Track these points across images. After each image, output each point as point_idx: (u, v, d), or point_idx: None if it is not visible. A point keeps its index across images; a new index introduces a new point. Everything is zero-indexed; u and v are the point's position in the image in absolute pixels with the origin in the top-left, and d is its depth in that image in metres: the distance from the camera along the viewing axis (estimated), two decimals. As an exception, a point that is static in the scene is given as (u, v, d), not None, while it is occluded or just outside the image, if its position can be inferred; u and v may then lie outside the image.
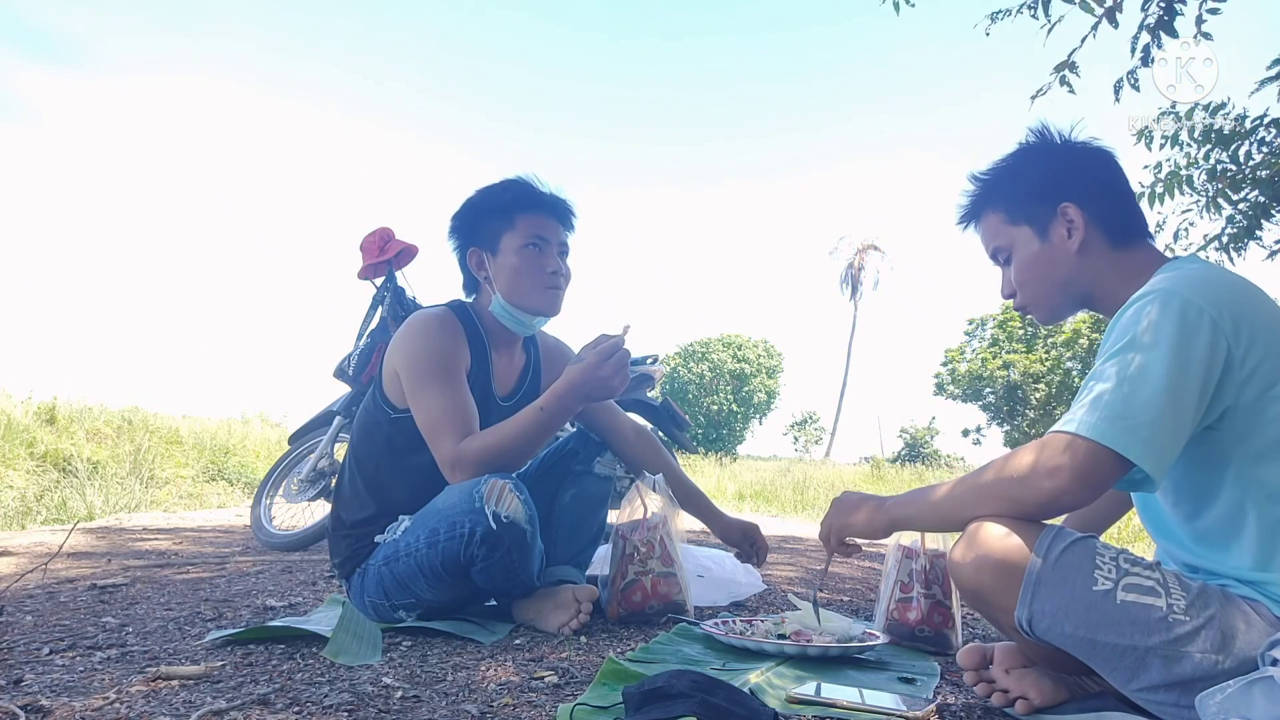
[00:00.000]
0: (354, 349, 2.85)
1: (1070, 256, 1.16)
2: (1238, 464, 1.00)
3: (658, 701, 0.93)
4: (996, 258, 1.27)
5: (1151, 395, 0.95)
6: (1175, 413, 0.96)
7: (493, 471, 1.50)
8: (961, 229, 1.30)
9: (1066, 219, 1.16)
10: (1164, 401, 0.95)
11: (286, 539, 2.99)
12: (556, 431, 1.59)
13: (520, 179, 1.72)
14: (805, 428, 43.69)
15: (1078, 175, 1.17)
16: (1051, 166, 1.19)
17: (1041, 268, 1.19)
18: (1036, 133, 1.22)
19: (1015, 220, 1.21)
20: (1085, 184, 1.17)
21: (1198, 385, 0.96)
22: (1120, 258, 1.16)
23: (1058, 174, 1.18)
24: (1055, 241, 1.17)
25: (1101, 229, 1.16)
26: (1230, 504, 1.01)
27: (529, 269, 1.66)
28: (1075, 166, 1.18)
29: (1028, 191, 1.20)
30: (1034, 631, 1.02)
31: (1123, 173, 1.20)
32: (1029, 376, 24.56)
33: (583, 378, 1.52)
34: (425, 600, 1.54)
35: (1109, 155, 1.20)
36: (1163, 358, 0.96)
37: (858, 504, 1.27)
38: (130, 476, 5.52)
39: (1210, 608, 0.95)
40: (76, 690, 1.07)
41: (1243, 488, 1.00)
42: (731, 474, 13.07)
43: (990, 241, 1.26)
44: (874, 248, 41.69)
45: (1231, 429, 1.00)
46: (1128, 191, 1.19)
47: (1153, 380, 0.96)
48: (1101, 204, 1.16)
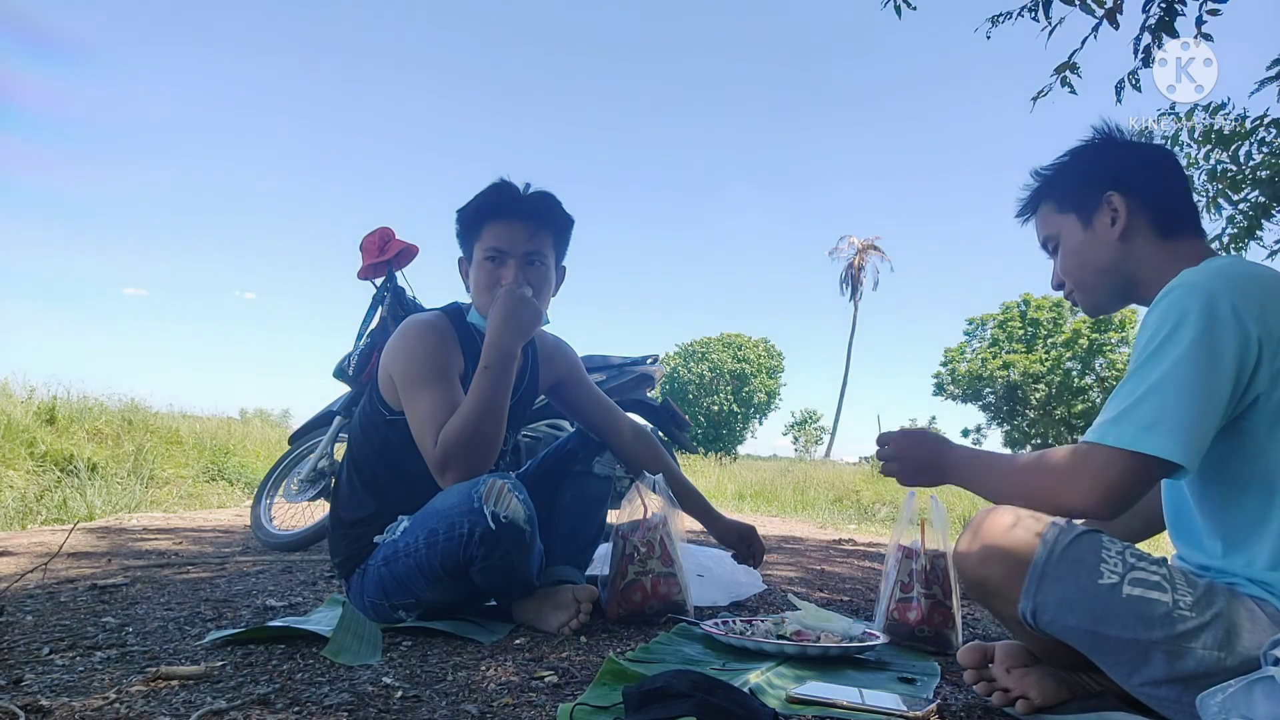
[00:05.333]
0: (354, 349, 2.84)
1: (1112, 244, 1.18)
2: (1271, 456, 1.00)
3: (658, 701, 0.93)
4: (1046, 247, 1.29)
5: (1187, 395, 0.97)
6: (1209, 409, 0.97)
7: (475, 449, 1.50)
8: (1021, 222, 1.33)
9: (1111, 207, 1.18)
10: (1200, 400, 0.96)
11: (286, 539, 2.99)
12: (511, 381, 1.59)
13: (495, 185, 1.70)
14: (805, 428, 43.75)
15: (1125, 166, 1.20)
16: (1101, 158, 1.22)
17: (1084, 254, 1.21)
18: (1097, 129, 1.25)
19: (1064, 209, 1.24)
20: (1133, 174, 1.18)
21: (1230, 378, 0.97)
22: (1166, 249, 1.16)
23: (1106, 165, 1.21)
24: (1099, 229, 1.19)
25: (1147, 219, 1.17)
26: (1258, 497, 1.01)
27: (485, 282, 1.67)
28: (1124, 158, 1.21)
29: (1076, 181, 1.23)
30: (1037, 624, 1.02)
31: (1179, 168, 1.22)
32: (1029, 376, 24.56)
33: (498, 316, 1.58)
34: (425, 600, 1.54)
35: (1165, 151, 1.24)
36: (1192, 356, 0.97)
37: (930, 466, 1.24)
38: (130, 476, 5.51)
39: (1215, 604, 0.95)
40: (76, 690, 1.07)
41: (1273, 481, 1.00)
42: (731, 474, 13.07)
43: (1042, 231, 1.29)
44: (874, 248, 41.69)
45: (1263, 420, 1.00)
46: (1180, 185, 1.20)
47: (1184, 380, 0.97)
48: (1148, 194, 1.17)
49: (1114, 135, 1.24)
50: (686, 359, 33.06)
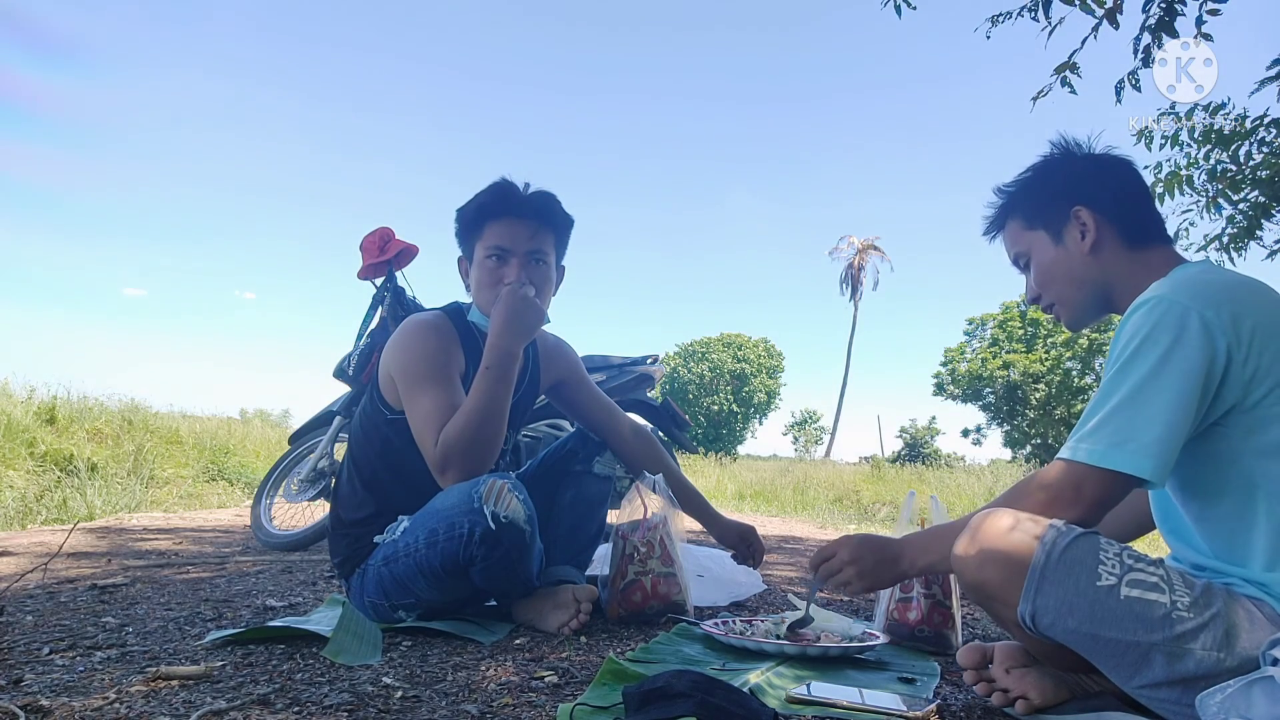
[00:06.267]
0: (354, 349, 2.84)
1: (1083, 257, 1.20)
2: (1247, 460, 1.01)
3: (658, 701, 0.93)
4: (1018, 263, 1.31)
5: (1154, 411, 0.99)
6: (1178, 422, 0.99)
7: (476, 449, 1.51)
8: (988, 240, 1.35)
9: (1079, 221, 1.20)
10: (1166, 415, 0.99)
11: (286, 539, 3.00)
12: (513, 381, 1.59)
13: (496, 184, 1.70)
14: (805, 428, 43.72)
15: (1090, 180, 1.21)
16: (1064, 173, 1.24)
17: (1057, 269, 1.23)
18: (1055, 144, 1.27)
19: (1032, 225, 1.26)
20: (1097, 188, 1.20)
21: (1197, 390, 0.99)
22: (1136, 258, 1.18)
23: (1070, 179, 1.23)
24: (1069, 244, 1.21)
25: (1115, 230, 1.19)
26: (1239, 501, 1.02)
27: (487, 281, 1.67)
28: (1087, 172, 1.23)
29: (1043, 197, 1.25)
30: (1037, 627, 1.02)
31: (1138, 178, 1.24)
32: (1029, 376, 24.56)
33: (501, 316, 1.58)
34: (425, 600, 1.54)
35: (1124, 161, 1.25)
36: (1160, 370, 1.00)
37: (887, 560, 1.24)
38: (130, 476, 5.52)
39: (1214, 605, 0.95)
40: (76, 690, 1.07)
41: (1252, 485, 1.01)
42: (731, 474, 13.07)
43: (1012, 248, 1.31)
44: (874, 248, 41.69)
45: (1238, 426, 1.01)
46: (1142, 195, 1.22)
47: (1152, 395, 0.99)
48: (1114, 206, 1.19)
49: (1073, 149, 1.26)
50: (686, 359, 33.07)
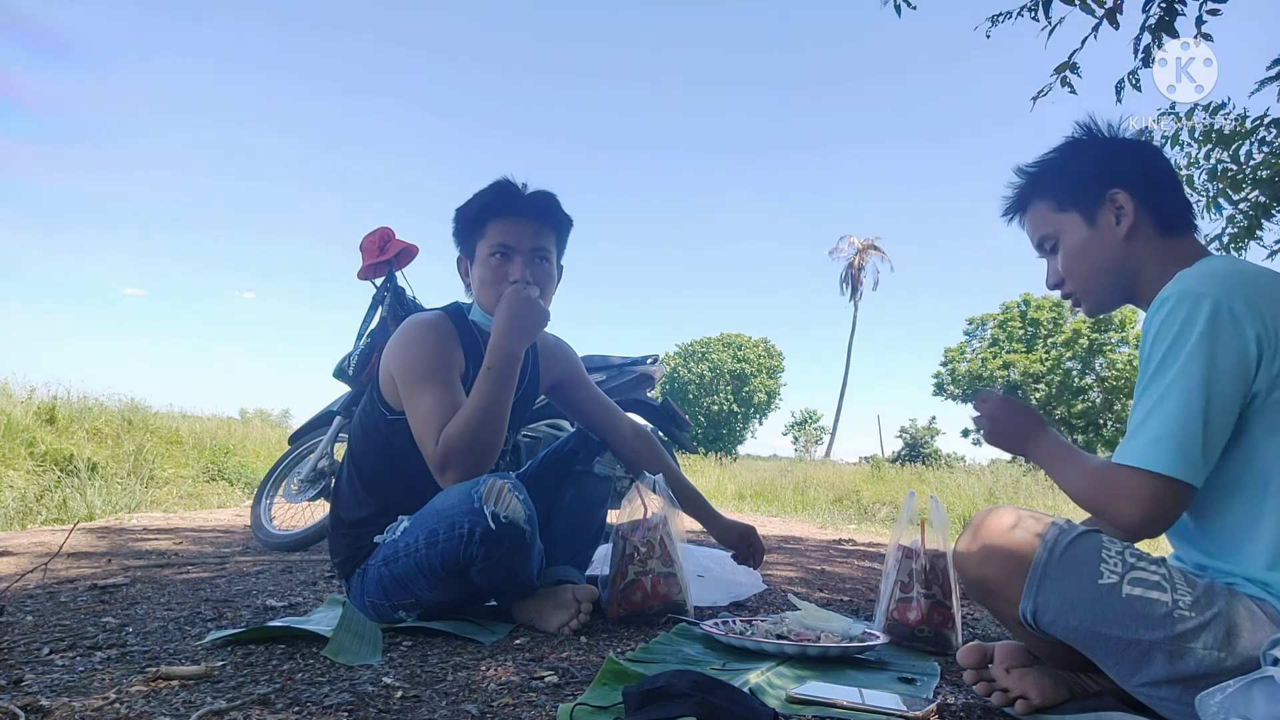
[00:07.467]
0: (354, 349, 2.84)
1: (1118, 243, 1.17)
2: (1264, 458, 1.00)
3: (658, 701, 0.93)
4: (1043, 247, 1.27)
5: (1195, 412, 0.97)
6: (1222, 418, 0.98)
7: (476, 450, 1.51)
8: (1006, 221, 1.31)
9: (1115, 205, 1.17)
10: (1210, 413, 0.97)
11: (286, 539, 2.99)
12: (514, 382, 1.59)
13: (498, 183, 1.71)
14: (805, 428, 43.69)
15: (1126, 163, 1.19)
16: (1100, 155, 1.21)
17: (1089, 254, 1.19)
18: (1083, 126, 1.24)
19: (1064, 207, 1.22)
20: (1134, 172, 1.18)
21: (1234, 383, 0.98)
22: (1167, 246, 1.16)
23: (1106, 162, 1.20)
24: (1103, 227, 1.18)
25: (1150, 216, 1.16)
26: (1249, 499, 1.01)
27: (492, 278, 1.67)
28: (1123, 155, 1.20)
29: (1077, 179, 1.21)
30: (1038, 624, 1.02)
31: (1169, 164, 1.22)
32: (1029, 376, 24.56)
33: (504, 317, 1.58)
34: (425, 600, 1.54)
35: (1152, 147, 1.23)
36: (1192, 369, 0.98)
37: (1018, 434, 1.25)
38: (130, 476, 5.52)
39: (1215, 604, 0.95)
40: (76, 690, 1.07)
41: (1265, 482, 1.00)
42: (731, 474, 13.07)
43: (1037, 231, 1.27)
44: (874, 248, 41.68)
45: (1259, 424, 1.00)
46: (1174, 181, 1.20)
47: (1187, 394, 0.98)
48: (1150, 192, 1.17)
49: (1101, 132, 1.23)
50: (686, 359, 33.07)
